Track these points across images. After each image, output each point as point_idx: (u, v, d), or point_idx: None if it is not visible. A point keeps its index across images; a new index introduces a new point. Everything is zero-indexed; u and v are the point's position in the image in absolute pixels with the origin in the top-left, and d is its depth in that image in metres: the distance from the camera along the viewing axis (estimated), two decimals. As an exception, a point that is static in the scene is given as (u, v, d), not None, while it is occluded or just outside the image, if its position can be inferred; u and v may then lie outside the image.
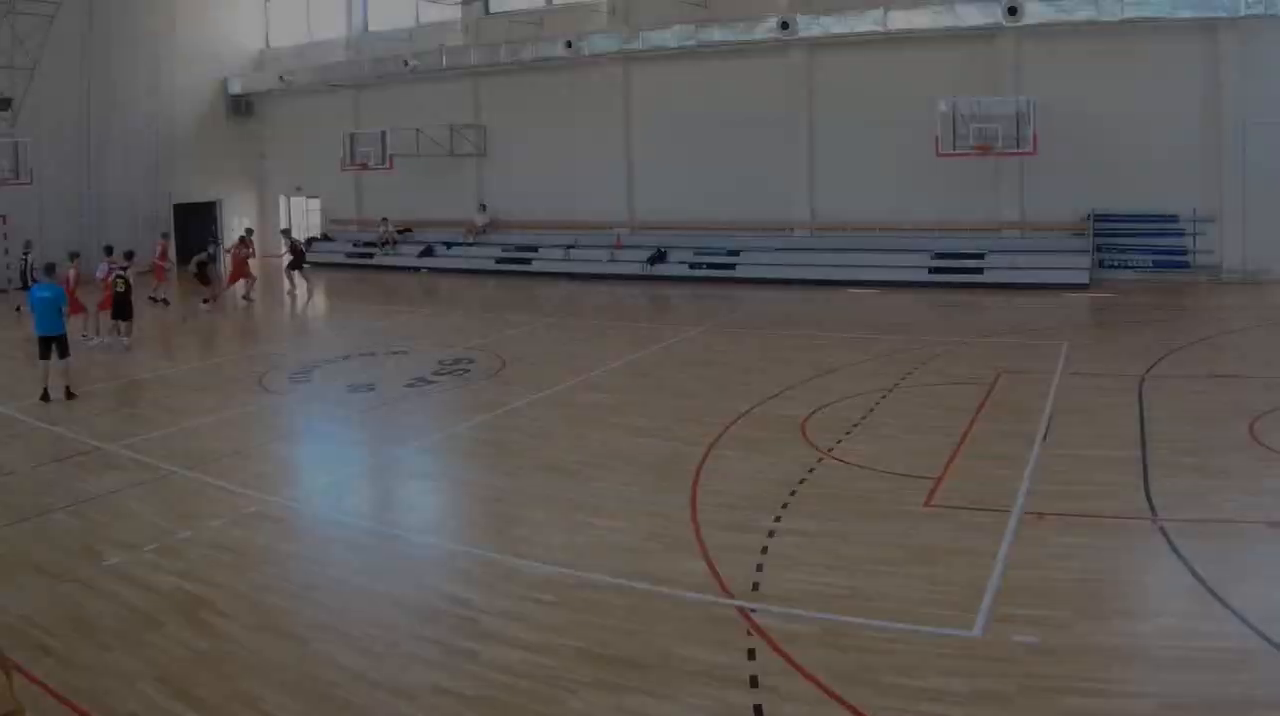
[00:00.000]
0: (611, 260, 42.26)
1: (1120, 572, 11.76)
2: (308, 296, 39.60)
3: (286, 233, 44.44)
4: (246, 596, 11.69)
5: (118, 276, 27.06)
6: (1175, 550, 12.05)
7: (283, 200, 56.02)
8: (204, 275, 36.09)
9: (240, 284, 36.81)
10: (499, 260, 45.00)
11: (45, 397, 21.19)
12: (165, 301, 35.35)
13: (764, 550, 12.58)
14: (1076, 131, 35.47)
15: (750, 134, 41.05)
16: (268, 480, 16.39)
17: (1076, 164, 35.71)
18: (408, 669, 9.88)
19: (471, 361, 24.99)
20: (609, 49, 42.74)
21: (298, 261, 41.03)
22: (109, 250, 29.84)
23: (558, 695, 9.28)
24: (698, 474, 15.72)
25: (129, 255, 29.18)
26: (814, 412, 18.99)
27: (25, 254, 38.50)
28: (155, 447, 18.12)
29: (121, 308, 27.13)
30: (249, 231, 39.33)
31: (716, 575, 11.87)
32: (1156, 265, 35.46)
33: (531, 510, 14.64)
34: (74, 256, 30.02)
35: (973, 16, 36.01)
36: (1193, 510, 13.42)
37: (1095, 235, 35.89)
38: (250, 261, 37.35)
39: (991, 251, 37.00)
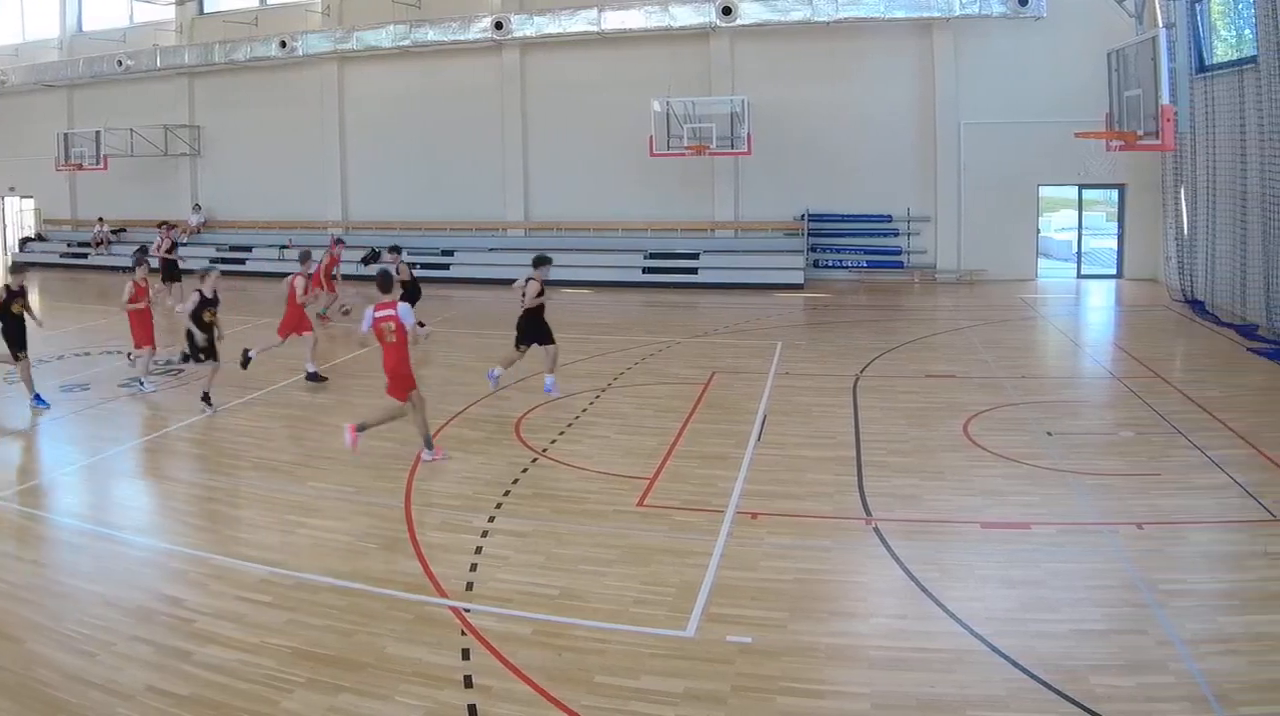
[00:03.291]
0: (327, 259, 41.79)
1: (835, 573, 11.97)
2: None
3: None
4: (-40, 596, 11.32)
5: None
6: (890, 550, 12.38)
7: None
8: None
9: None
10: (214, 260, 43.08)
11: None
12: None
13: (478, 550, 12.63)
14: (792, 132, 36.64)
15: (465, 133, 41.53)
16: (-19, 480, 15.85)
17: (792, 164, 36.93)
18: (122, 669, 9.66)
19: (186, 362, 24.21)
20: (323, 49, 42.51)
21: None
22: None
23: (272, 695, 9.22)
24: (412, 474, 15.68)
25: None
26: (528, 412, 19.03)
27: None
28: None
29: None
30: None
31: (431, 575, 11.88)
32: (871, 265, 36.68)
33: (246, 510, 14.49)
34: (338, 241, 30.40)
35: (687, 16, 36.78)
36: (907, 510, 13.83)
37: (810, 235, 36.98)
38: None
39: (706, 251, 37.75)
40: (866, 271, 36.90)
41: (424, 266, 39.56)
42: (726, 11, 35.72)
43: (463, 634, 10.40)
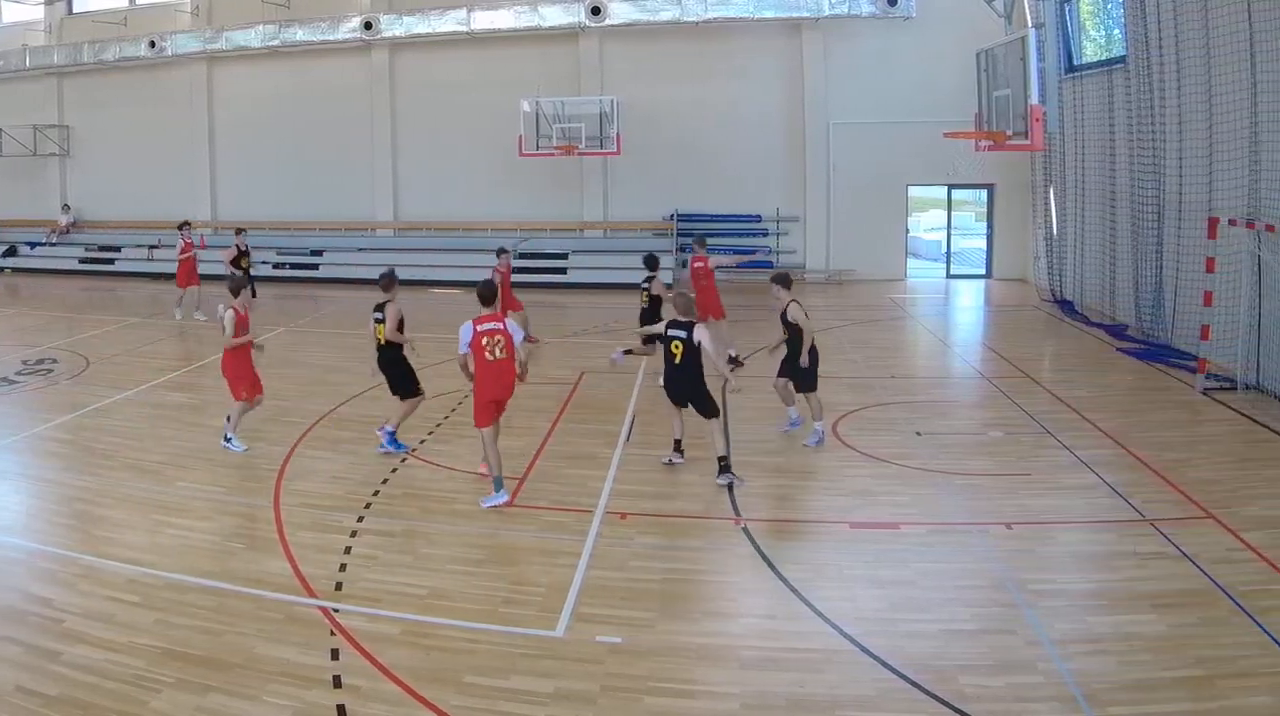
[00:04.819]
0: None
1: (704, 573, 12.12)
2: None
3: None
4: None
5: None
6: (759, 551, 12.53)
7: None
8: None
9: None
10: (82, 260, 43.72)
11: None
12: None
13: (347, 550, 12.69)
14: (662, 132, 36.90)
15: (334, 133, 41.31)
16: None
17: (661, 164, 37.23)
18: (-9, 670, 9.65)
19: (55, 361, 24.11)
20: (192, 49, 42.06)
21: None
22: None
23: (140, 695, 9.25)
24: (281, 474, 15.69)
25: None
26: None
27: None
28: None
29: None
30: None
31: (300, 575, 11.92)
32: (740, 265, 36.80)
33: (115, 510, 14.34)
34: (503, 251, 26.18)
35: (556, 16, 36.95)
36: (776, 511, 14.08)
37: (679, 235, 37.16)
38: None
39: (575, 251, 37.81)
40: (736, 271, 37.07)
41: (293, 266, 39.40)
42: (595, 12, 35.91)
43: (332, 634, 10.46)
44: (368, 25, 38.92)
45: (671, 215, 37.47)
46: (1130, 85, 25.04)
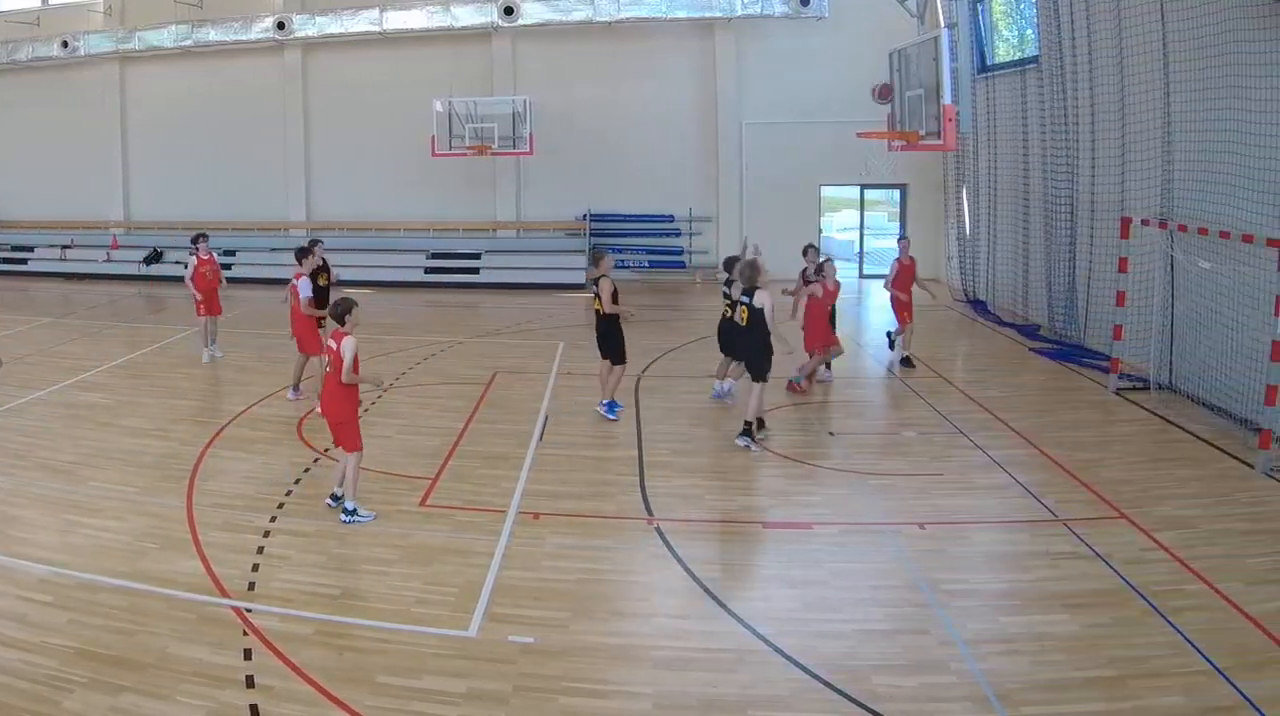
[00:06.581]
0: (108, 260, 41.09)
1: (617, 573, 12.11)
2: None
3: None
4: None
5: None
6: (672, 550, 12.54)
7: None
8: None
9: None
10: None
11: None
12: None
13: (260, 550, 12.61)
14: (575, 132, 36.93)
15: (248, 133, 40.87)
16: None
17: (574, 164, 37.24)
18: (-97, 671, 9.56)
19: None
20: (105, 49, 41.47)
21: None
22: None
23: (53, 695, 9.23)
24: (194, 474, 15.57)
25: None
26: (310, 412, 18.83)
27: None
28: None
29: None
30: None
31: (213, 575, 11.84)
32: (653, 265, 36.90)
33: (26, 510, 14.19)
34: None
35: (469, 17, 36.78)
36: (689, 510, 14.03)
37: (592, 235, 37.08)
38: None
39: (488, 251, 37.72)
40: (648, 271, 37.16)
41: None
42: (508, 11, 35.79)
43: (245, 634, 10.42)
44: (280, 25, 38.52)
45: (584, 215, 37.35)
46: (1043, 85, 25.29)
